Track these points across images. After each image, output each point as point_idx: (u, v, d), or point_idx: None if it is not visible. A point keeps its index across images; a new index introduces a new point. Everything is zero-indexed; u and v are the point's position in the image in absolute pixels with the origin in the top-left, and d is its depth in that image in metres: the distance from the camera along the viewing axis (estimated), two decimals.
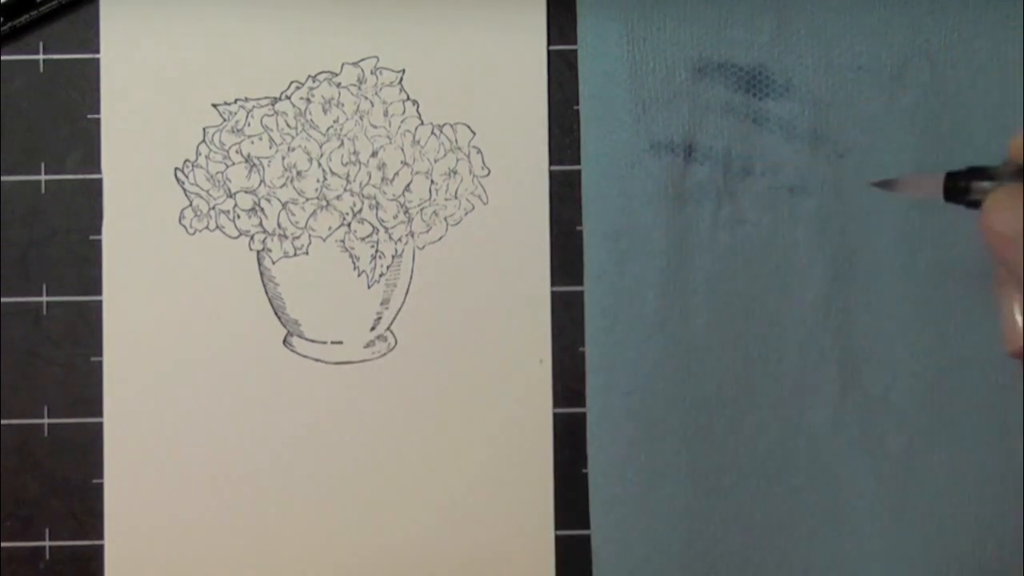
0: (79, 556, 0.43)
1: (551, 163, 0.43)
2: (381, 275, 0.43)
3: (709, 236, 0.43)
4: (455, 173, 0.43)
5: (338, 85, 0.43)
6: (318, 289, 0.43)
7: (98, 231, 0.43)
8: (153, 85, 0.43)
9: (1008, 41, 0.42)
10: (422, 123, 0.43)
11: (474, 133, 0.43)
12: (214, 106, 0.43)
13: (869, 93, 0.43)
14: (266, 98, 0.43)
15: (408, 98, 0.43)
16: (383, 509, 0.43)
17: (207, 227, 0.43)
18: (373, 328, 0.43)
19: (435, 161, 0.43)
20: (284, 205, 0.43)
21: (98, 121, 0.43)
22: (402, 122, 0.43)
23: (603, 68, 0.43)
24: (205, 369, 0.43)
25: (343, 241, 0.43)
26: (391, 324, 0.43)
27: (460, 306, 0.43)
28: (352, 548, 0.43)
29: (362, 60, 0.43)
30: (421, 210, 0.43)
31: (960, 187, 0.36)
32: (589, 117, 0.43)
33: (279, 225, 0.43)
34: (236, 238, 0.43)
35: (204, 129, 0.43)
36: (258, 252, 0.43)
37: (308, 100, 0.43)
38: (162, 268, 0.43)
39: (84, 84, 0.43)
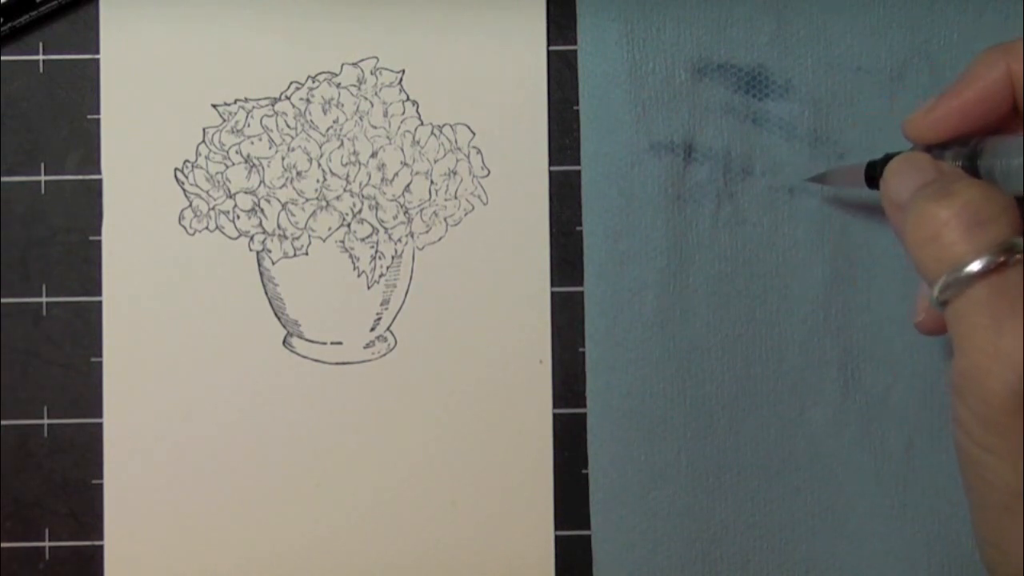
0: (79, 556, 0.43)
1: (551, 163, 0.43)
2: (381, 276, 0.43)
3: (709, 236, 0.43)
4: (455, 173, 0.43)
5: (338, 85, 0.43)
6: (318, 290, 0.43)
7: (98, 231, 0.43)
8: (153, 85, 0.43)
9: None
10: (422, 123, 0.43)
11: (474, 133, 0.43)
12: (214, 106, 0.43)
13: (869, 93, 0.43)
14: (266, 98, 0.43)
15: (408, 98, 0.43)
16: (383, 510, 0.43)
17: (207, 227, 0.43)
18: (373, 329, 0.43)
19: (435, 161, 0.43)
20: (284, 205, 0.43)
21: (98, 121, 0.43)
22: (402, 122, 0.43)
23: (603, 68, 0.43)
24: (205, 369, 0.43)
25: (343, 242, 0.43)
26: (391, 324, 0.43)
27: (460, 306, 0.43)
28: (352, 548, 0.43)
29: (362, 60, 0.43)
30: (421, 211, 0.43)
31: (878, 173, 0.37)
32: (589, 117, 0.43)
33: (279, 226, 0.43)
34: (236, 239, 0.43)
35: (204, 129, 0.43)
36: (258, 253, 0.43)
37: (308, 100, 0.43)
38: (162, 268, 0.43)
39: (84, 84, 0.43)
